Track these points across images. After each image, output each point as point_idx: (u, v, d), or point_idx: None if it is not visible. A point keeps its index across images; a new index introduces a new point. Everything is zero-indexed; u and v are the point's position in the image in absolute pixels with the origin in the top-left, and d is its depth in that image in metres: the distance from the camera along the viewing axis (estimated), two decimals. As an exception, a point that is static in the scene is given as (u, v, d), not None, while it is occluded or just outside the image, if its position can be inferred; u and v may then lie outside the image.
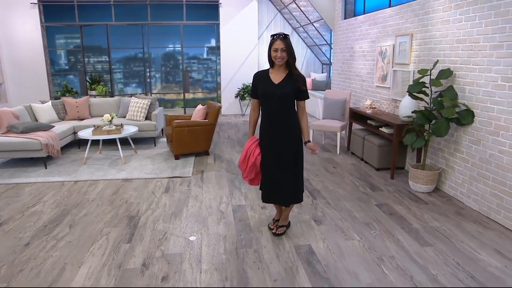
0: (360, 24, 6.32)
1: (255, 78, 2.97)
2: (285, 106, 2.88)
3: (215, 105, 5.74)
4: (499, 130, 3.38)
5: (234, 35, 9.65)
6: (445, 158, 4.15)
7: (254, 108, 3.03)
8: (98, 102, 6.96)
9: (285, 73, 2.87)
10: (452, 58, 3.97)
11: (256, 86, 2.95)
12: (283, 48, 2.75)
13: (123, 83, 10.63)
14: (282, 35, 2.77)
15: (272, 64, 2.89)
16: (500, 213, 3.39)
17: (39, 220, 3.54)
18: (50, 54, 9.47)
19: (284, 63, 2.84)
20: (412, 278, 2.56)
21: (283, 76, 2.86)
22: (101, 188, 4.39)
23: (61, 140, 5.60)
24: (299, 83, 2.85)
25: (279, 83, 2.85)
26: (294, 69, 2.85)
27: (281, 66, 2.85)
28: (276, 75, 2.88)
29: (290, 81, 2.85)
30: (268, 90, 2.86)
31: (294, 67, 2.85)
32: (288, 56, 2.80)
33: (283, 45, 2.75)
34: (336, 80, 7.59)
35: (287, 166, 2.96)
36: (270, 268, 2.71)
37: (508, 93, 3.26)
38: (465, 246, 3.00)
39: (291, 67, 2.85)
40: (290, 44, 2.79)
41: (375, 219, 3.51)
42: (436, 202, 3.91)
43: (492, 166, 3.48)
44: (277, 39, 2.77)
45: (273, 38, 2.79)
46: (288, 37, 2.80)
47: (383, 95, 5.59)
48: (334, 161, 5.48)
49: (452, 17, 3.96)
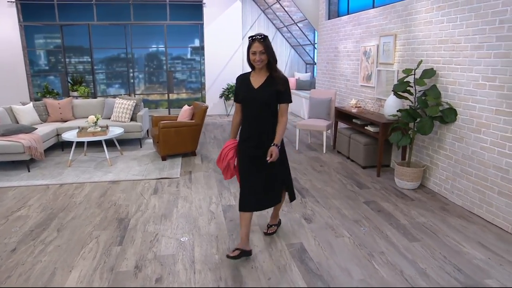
0: (344, 24, 6.42)
1: (237, 81, 2.85)
2: (267, 112, 2.73)
3: (202, 106, 5.72)
4: (481, 127, 3.50)
5: (218, 35, 9.64)
6: (429, 155, 4.27)
7: (237, 111, 2.88)
8: (81, 104, 6.83)
9: (266, 76, 2.72)
10: (435, 58, 4.09)
11: (237, 90, 2.83)
12: (262, 50, 2.59)
13: (106, 84, 10.46)
14: (260, 37, 2.60)
15: (252, 67, 2.74)
16: (483, 207, 3.51)
17: (25, 225, 3.46)
18: (29, 54, 9.22)
19: (265, 66, 2.69)
20: (402, 273, 2.64)
21: (263, 79, 2.71)
22: (88, 191, 4.32)
23: (44, 143, 5.47)
24: (279, 85, 2.69)
25: (259, 87, 2.71)
26: (274, 71, 2.70)
27: (262, 69, 2.70)
28: (257, 78, 2.74)
29: (270, 85, 2.70)
30: (248, 95, 2.73)
31: (275, 69, 2.70)
32: (268, 58, 2.63)
33: (262, 47, 2.59)
34: (321, 79, 7.69)
35: (267, 175, 2.81)
36: (264, 267, 2.73)
37: (489, 92, 3.39)
38: (450, 240, 3.10)
39: (271, 70, 2.69)
40: (269, 45, 2.63)
41: (364, 216, 3.58)
42: (422, 198, 4.02)
43: (474, 162, 3.60)
44: (255, 41, 2.61)
45: (251, 40, 2.63)
46: (267, 38, 2.64)
47: (368, 94, 5.70)
48: (321, 160, 5.55)
49: (435, 19, 4.08)
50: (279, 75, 2.71)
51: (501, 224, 3.31)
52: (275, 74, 2.70)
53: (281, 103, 2.75)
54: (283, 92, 2.72)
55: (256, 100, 2.71)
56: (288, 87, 2.75)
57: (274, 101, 2.73)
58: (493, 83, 3.34)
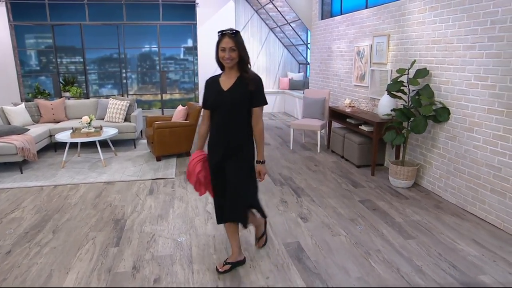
0: (338, 24, 6.46)
1: (206, 85, 2.53)
2: (237, 117, 2.43)
3: (196, 106, 5.71)
4: (473, 126, 3.56)
5: (211, 35, 9.59)
6: (423, 154, 4.32)
7: (204, 119, 2.56)
8: (74, 104, 6.77)
9: (236, 76, 2.42)
10: (428, 58, 4.14)
11: (206, 94, 2.52)
12: (232, 47, 2.30)
13: (98, 84, 10.37)
14: (231, 32, 2.32)
15: (222, 67, 2.45)
16: (476, 205, 3.57)
17: (19, 227, 3.42)
18: (20, 54, 9.11)
19: (236, 65, 2.39)
20: (398, 270, 2.67)
21: (234, 80, 2.41)
22: (83, 192, 4.29)
23: (37, 144, 5.42)
24: (250, 85, 2.38)
25: (228, 90, 2.41)
26: (246, 71, 2.40)
27: (232, 68, 2.40)
28: (226, 80, 2.44)
29: (241, 86, 2.39)
30: (216, 98, 2.43)
31: (246, 68, 2.40)
32: (238, 56, 2.34)
33: (232, 43, 2.29)
34: (314, 79, 7.72)
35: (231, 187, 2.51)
36: (262, 266, 2.74)
37: (481, 91, 3.44)
38: (445, 237, 3.15)
39: (243, 69, 2.40)
40: (241, 41, 2.34)
41: (360, 215, 3.61)
42: (416, 196, 4.06)
43: (467, 161, 3.66)
44: (225, 36, 2.31)
45: (220, 35, 2.34)
46: (238, 34, 2.34)
47: (362, 94, 5.75)
48: (315, 159, 5.58)
49: (427, 19, 4.13)
50: (250, 75, 2.41)
51: (494, 221, 3.37)
52: (246, 74, 2.40)
53: (254, 106, 2.43)
54: (256, 93, 2.41)
55: (225, 103, 2.40)
56: (262, 87, 2.45)
57: (246, 104, 2.42)
58: (485, 82, 3.40)
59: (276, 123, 8.72)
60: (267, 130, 7.76)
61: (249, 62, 2.41)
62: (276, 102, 10.46)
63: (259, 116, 2.46)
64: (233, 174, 2.49)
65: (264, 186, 4.42)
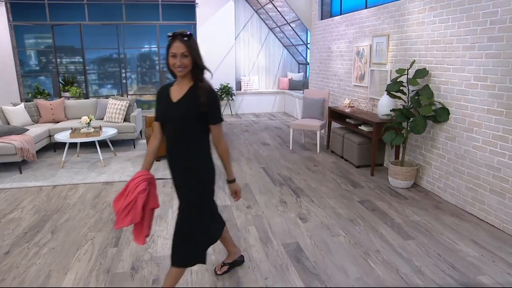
0: (337, 24, 6.46)
1: (157, 94, 2.20)
2: (186, 134, 2.06)
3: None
4: (473, 126, 3.55)
5: (211, 35, 9.62)
6: (423, 154, 4.32)
7: (154, 133, 2.21)
8: (74, 104, 6.77)
9: (189, 86, 2.06)
10: (428, 58, 4.13)
11: (156, 105, 2.19)
12: (184, 52, 1.96)
13: (98, 85, 10.37)
14: (183, 35, 1.97)
15: (174, 75, 2.08)
16: (475, 205, 3.57)
17: (18, 227, 3.42)
18: (19, 54, 9.11)
19: (189, 73, 2.04)
20: (397, 271, 2.67)
21: (185, 90, 2.06)
22: (82, 192, 4.28)
23: (36, 144, 5.41)
24: (201, 98, 2.01)
25: (178, 101, 2.06)
26: (200, 80, 2.06)
27: (185, 77, 2.05)
28: (178, 89, 2.09)
29: (192, 98, 2.04)
30: (164, 111, 2.11)
31: (201, 77, 2.06)
32: (192, 63, 2.00)
33: (184, 48, 1.95)
34: (314, 79, 7.72)
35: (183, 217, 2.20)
36: (260, 267, 2.74)
37: (480, 92, 3.44)
38: (444, 238, 3.15)
39: (197, 78, 2.05)
40: (194, 46, 2.00)
41: (359, 215, 3.61)
42: (415, 197, 4.06)
43: (466, 161, 3.65)
44: (175, 39, 1.97)
45: (170, 39, 1.99)
46: (192, 37, 2.00)
47: (361, 94, 5.74)
48: (314, 159, 5.57)
49: (427, 19, 4.13)
50: (203, 86, 2.04)
51: (493, 222, 3.36)
52: (201, 84, 2.05)
53: (210, 123, 2.10)
54: (209, 108, 2.03)
55: (173, 117, 2.06)
56: (215, 101, 2.08)
57: (195, 119, 2.04)
58: (484, 82, 3.39)
59: (275, 123, 8.71)
60: (267, 130, 7.76)
61: (203, 69, 2.06)
62: (276, 102, 10.46)
63: (218, 135, 2.12)
64: (180, 204, 2.21)
65: (264, 186, 4.42)
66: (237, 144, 6.59)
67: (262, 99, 10.39)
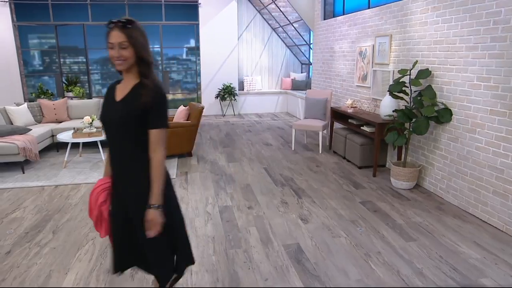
0: (340, 24, 6.44)
1: (106, 91, 1.90)
2: (125, 139, 1.76)
3: (198, 106, 5.71)
4: (476, 127, 3.53)
5: (213, 35, 9.63)
6: (425, 155, 4.29)
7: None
8: (77, 104, 6.79)
9: (134, 83, 1.76)
10: (430, 59, 4.11)
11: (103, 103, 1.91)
12: (123, 42, 1.65)
13: (101, 85, 10.41)
14: (122, 22, 1.66)
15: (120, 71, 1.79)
16: (478, 207, 3.54)
17: (20, 227, 3.43)
18: (23, 54, 9.16)
19: (134, 68, 1.74)
20: (398, 272, 2.65)
21: (130, 88, 1.76)
22: (84, 192, 4.29)
23: (39, 144, 5.43)
24: (144, 97, 1.69)
25: (120, 100, 1.77)
26: (145, 76, 1.74)
27: (130, 72, 1.75)
28: (123, 87, 1.79)
29: (135, 97, 1.73)
30: (104, 111, 1.83)
31: (147, 73, 1.73)
32: (135, 56, 1.69)
33: (124, 37, 1.65)
34: (317, 80, 7.70)
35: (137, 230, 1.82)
36: (261, 268, 2.73)
37: (483, 92, 3.41)
38: (446, 239, 3.12)
39: (143, 74, 1.74)
40: (136, 36, 1.68)
41: (360, 216, 3.59)
42: (417, 198, 4.03)
43: (469, 162, 3.62)
44: (114, 28, 1.66)
45: (108, 27, 1.69)
46: (134, 25, 1.68)
47: (364, 94, 5.72)
48: (317, 160, 5.56)
49: (430, 19, 4.10)
50: (147, 82, 1.72)
51: (496, 223, 3.33)
52: (145, 81, 1.73)
53: (149, 127, 1.73)
54: (150, 109, 1.70)
55: (113, 118, 1.76)
56: (160, 101, 1.73)
57: (136, 122, 1.72)
58: (487, 83, 3.37)
59: (278, 123, 8.70)
60: (270, 130, 7.75)
61: (150, 63, 1.74)
62: (279, 102, 10.45)
63: (156, 142, 1.72)
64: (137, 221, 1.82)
65: (265, 187, 4.41)
66: (239, 144, 6.59)
67: (264, 99, 10.39)
